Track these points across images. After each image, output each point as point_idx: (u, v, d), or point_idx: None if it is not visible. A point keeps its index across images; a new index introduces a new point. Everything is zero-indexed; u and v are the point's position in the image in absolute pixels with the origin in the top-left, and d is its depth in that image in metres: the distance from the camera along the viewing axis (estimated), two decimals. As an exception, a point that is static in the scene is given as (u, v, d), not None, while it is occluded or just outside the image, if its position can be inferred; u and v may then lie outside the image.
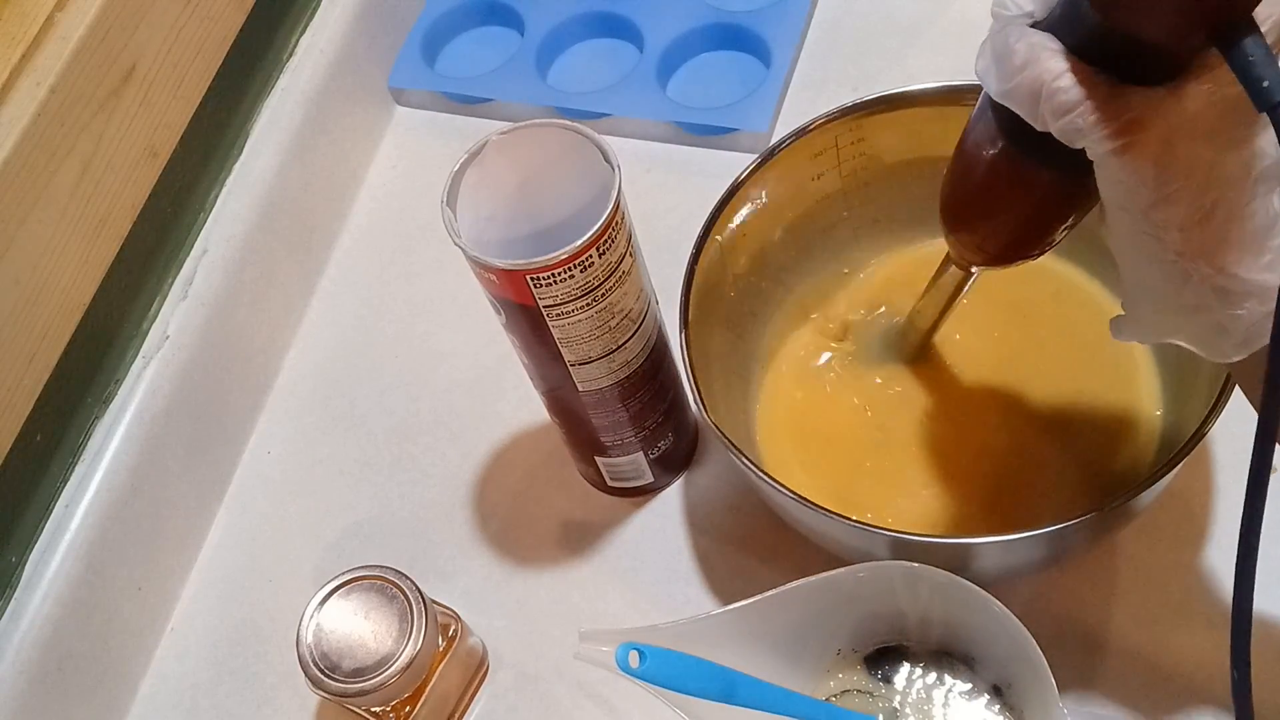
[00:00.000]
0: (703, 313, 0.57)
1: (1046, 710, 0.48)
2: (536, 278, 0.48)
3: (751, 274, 0.61)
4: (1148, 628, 0.56)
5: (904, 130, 0.59)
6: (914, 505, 0.58)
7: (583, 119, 0.68)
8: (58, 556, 0.59)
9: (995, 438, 0.59)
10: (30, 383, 0.58)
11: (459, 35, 0.82)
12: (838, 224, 0.63)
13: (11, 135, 0.55)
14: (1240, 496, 0.39)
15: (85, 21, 0.58)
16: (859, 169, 0.61)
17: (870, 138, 0.59)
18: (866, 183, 0.61)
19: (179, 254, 0.68)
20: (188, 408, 0.65)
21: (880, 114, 0.59)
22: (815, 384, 0.62)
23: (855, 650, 0.55)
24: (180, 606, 0.66)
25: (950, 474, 0.58)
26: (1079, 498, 0.56)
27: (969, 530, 0.56)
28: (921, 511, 0.58)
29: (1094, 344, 0.59)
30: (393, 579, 0.55)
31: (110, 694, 0.62)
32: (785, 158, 0.59)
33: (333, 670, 0.53)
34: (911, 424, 0.60)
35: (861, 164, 0.61)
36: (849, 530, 0.50)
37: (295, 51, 0.75)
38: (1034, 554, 0.52)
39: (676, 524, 0.63)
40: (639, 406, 0.57)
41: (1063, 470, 0.57)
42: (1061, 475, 0.57)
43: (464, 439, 0.67)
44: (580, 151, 0.50)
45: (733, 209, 0.58)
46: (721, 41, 0.77)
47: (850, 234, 0.63)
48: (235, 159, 0.71)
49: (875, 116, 0.59)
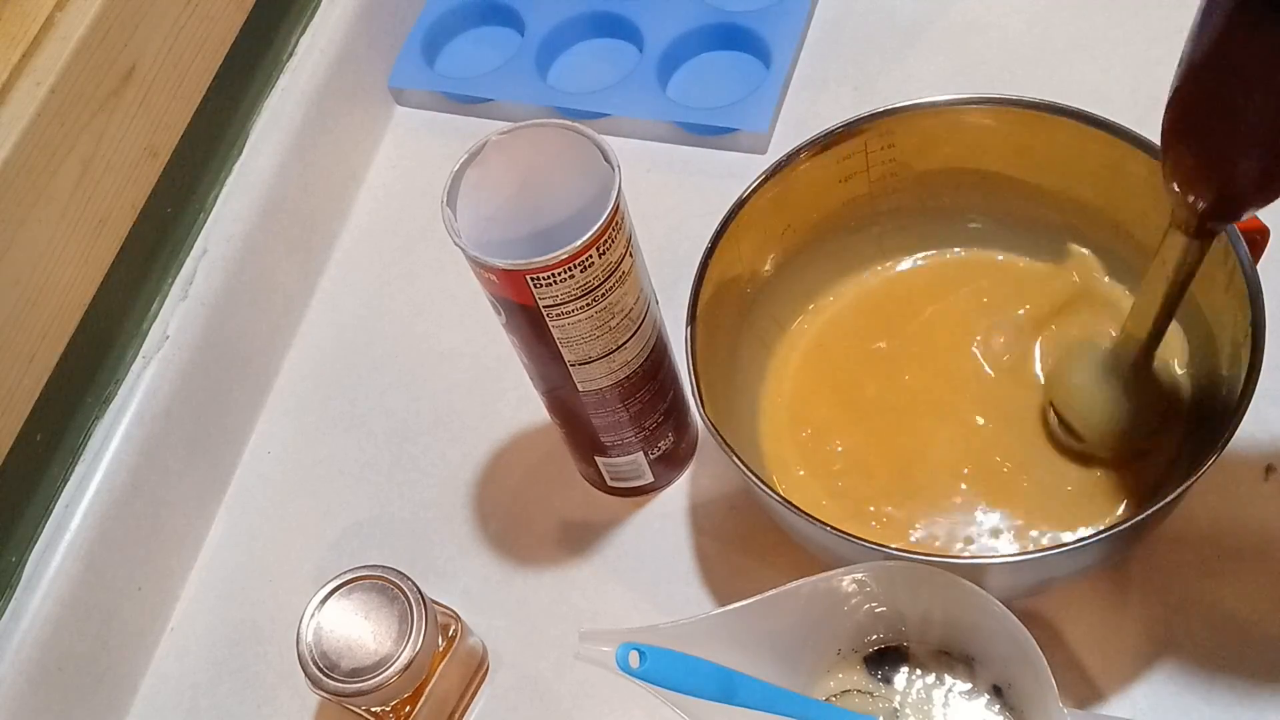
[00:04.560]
0: (709, 311, 0.57)
1: (1046, 710, 0.48)
2: (536, 278, 0.48)
3: (766, 273, 0.61)
4: (1150, 627, 0.56)
5: (935, 137, 0.59)
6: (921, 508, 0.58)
7: (583, 119, 0.68)
8: (58, 556, 0.59)
9: (1009, 444, 0.58)
10: (30, 383, 0.58)
11: (459, 35, 0.82)
12: (862, 228, 0.63)
13: (11, 135, 0.55)
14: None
15: (85, 21, 0.58)
16: (888, 174, 0.60)
17: (900, 143, 0.59)
18: (894, 189, 0.61)
19: (179, 254, 0.68)
20: (188, 408, 0.65)
21: (912, 119, 0.58)
22: (819, 384, 0.62)
23: (855, 650, 0.55)
24: (180, 606, 0.66)
25: (961, 478, 0.58)
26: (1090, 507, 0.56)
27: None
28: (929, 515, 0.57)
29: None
30: (393, 579, 0.55)
31: (110, 694, 0.62)
32: (810, 160, 0.58)
33: (332, 670, 0.53)
34: (918, 425, 0.60)
35: (891, 170, 0.60)
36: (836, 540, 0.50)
37: (295, 51, 0.75)
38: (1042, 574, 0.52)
39: (676, 524, 0.63)
40: (639, 406, 0.57)
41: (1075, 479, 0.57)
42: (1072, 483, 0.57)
43: (464, 439, 0.67)
44: (580, 151, 0.50)
45: (752, 207, 0.58)
46: (721, 41, 0.77)
47: (874, 239, 0.63)
48: (235, 159, 0.71)
49: (907, 122, 0.58)
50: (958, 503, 0.57)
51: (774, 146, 0.73)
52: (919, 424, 0.60)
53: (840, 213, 0.61)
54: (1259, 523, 0.57)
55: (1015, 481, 0.58)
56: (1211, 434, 0.49)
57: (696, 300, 0.56)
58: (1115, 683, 0.55)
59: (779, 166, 0.58)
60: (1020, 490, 0.57)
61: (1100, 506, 0.56)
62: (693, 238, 0.58)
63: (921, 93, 0.58)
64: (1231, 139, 0.41)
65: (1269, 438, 0.58)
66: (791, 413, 0.61)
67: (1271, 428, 0.58)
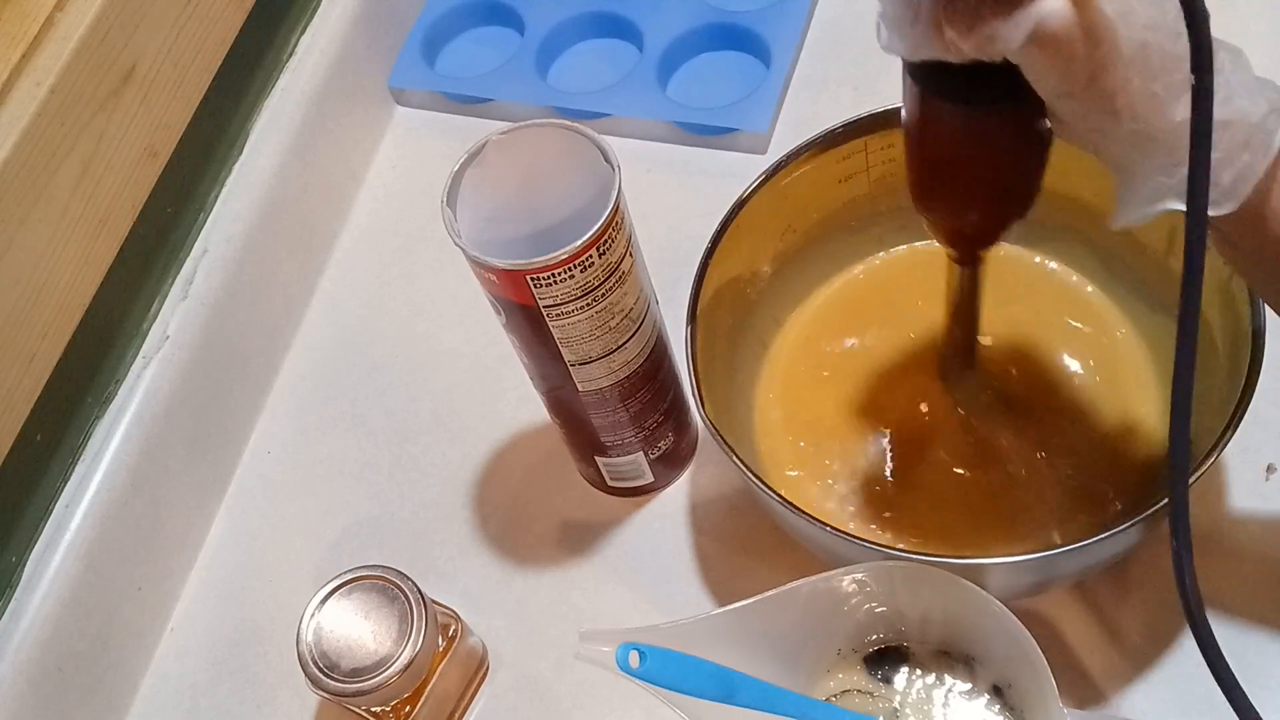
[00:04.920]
0: (709, 311, 0.57)
1: (1046, 710, 0.48)
2: (536, 278, 0.48)
3: (766, 273, 0.61)
4: (1150, 627, 0.56)
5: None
6: (917, 509, 0.58)
7: (583, 119, 0.67)
8: (58, 556, 0.59)
9: (1003, 445, 0.58)
10: (30, 383, 0.58)
11: (459, 35, 0.82)
12: (863, 228, 0.63)
13: (11, 135, 0.55)
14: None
15: (85, 21, 0.58)
16: (889, 174, 0.60)
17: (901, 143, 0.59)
18: (894, 189, 0.61)
19: (179, 254, 0.68)
20: (188, 408, 0.65)
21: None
22: (817, 384, 0.62)
23: (855, 650, 0.55)
24: (180, 606, 0.66)
25: (956, 479, 0.58)
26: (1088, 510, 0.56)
27: (972, 539, 0.56)
28: (925, 515, 0.57)
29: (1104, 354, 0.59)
30: (393, 579, 0.55)
31: (110, 694, 0.62)
32: (810, 160, 0.58)
33: (332, 670, 0.53)
34: (919, 425, 0.60)
35: (891, 170, 0.60)
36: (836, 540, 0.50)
37: (295, 51, 0.75)
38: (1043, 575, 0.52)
39: (676, 524, 0.63)
40: (639, 406, 0.57)
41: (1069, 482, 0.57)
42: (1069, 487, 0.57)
43: (464, 439, 0.67)
44: (580, 151, 0.50)
45: (752, 207, 0.58)
46: (721, 41, 0.77)
47: (875, 239, 0.63)
48: (235, 159, 0.71)
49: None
50: (961, 507, 0.57)
51: (774, 146, 0.73)
52: (919, 424, 0.60)
53: (841, 213, 0.61)
54: (1259, 523, 0.57)
55: (1016, 478, 0.58)
56: (1211, 434, 0.49)
57: (697, 301, 0.56)
58: (1115, 683, 0.55)
59: (779, 167, 0.58)
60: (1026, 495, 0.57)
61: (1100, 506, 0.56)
62: (693, 238, 0.58)
63: (921, 93, 0.58)
64: (960, 201, 0.47)
65: (1269, 438, 0.58)
66: (791, 412, 0.61)
67: (1271, 428, 0.58)
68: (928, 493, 0.58)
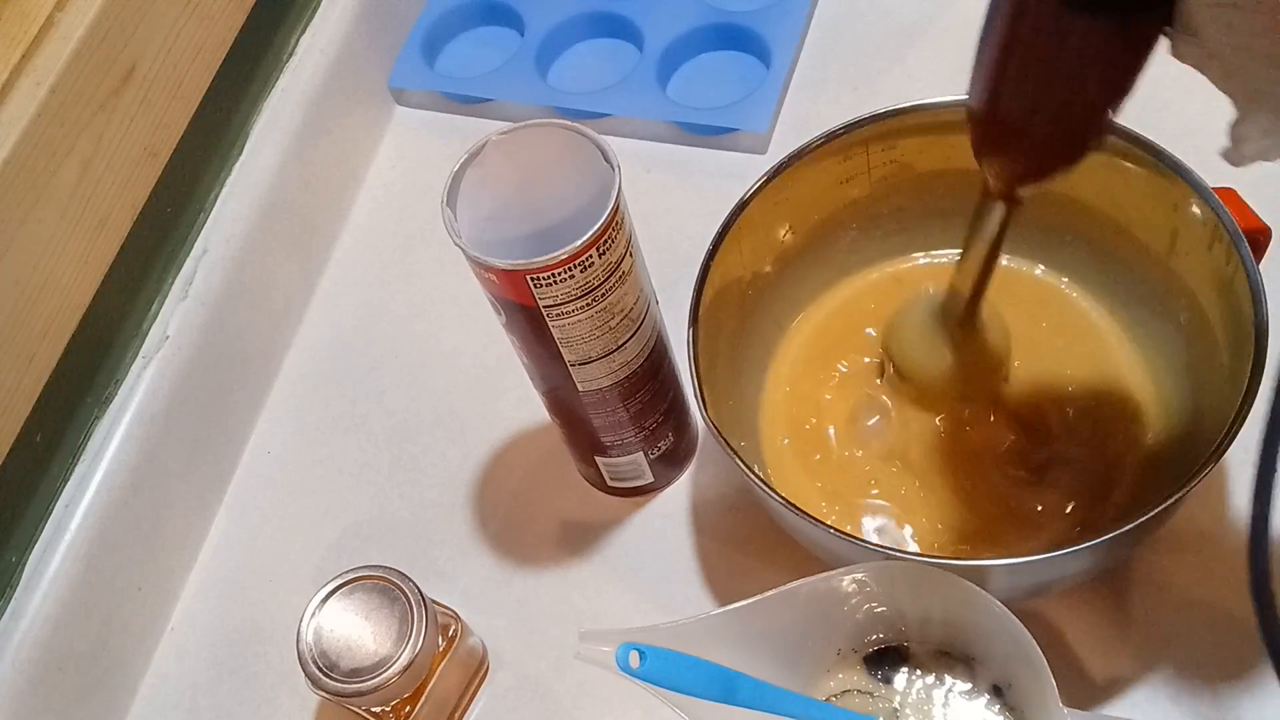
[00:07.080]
0: (710, 312, 0.57)
1: (1046, 710, 0.48)
2: (536, 278, 0.48)
3: (767, 274, 0.61)
4: (1150, 627, 0.56)
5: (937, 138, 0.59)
6: (917, 508, 0.58)
7: (583, 119, 0.68)
8: (58, 556, 0.59)
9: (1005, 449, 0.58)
10: (30, 383, 0.58)
11: (459, 35, 0.82)
12: (864, 229, 0.62)
13: (11, 135, 0.55)
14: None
15: (85, 21, 0.58)
16: (889, 175, 0.60)
17: (902, 144, 0.59)
18: (895, 190, 0.61)
19: (179, 254, 0.68)
20: (188, 408, 0.65)
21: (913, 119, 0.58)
22: (819, 384, 0.62)
23: (855, 650, 0.55)
24: (180, 606, 0.66)
25: (958, 480, 0.58)
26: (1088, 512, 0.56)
27: (974, 540, 0.56)
28: (925, 515, 0.57)
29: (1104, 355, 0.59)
30: (393, 579, 0.54)
31: (110, 694, 0.62)
32: (811, 161, 0.58)
33: (332, 670, 0.53)
34: (917, 427, 0.60)
35: (892, 171, 0.60)
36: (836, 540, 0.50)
37: (295, 51, 0.75)
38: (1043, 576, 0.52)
39: (676, 524, 0.63)
40: (639, 406, 0.57)
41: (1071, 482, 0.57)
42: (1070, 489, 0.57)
43: (464, 439, 0.67)
44: (580, 151, 0.50)
45: (753, 208, 0.58)
46: (721, 41, 0.77)
47: (876, 240, 0.63)
48: (235, 159, 0.71)
49: (908, 122, 0.58)
50: (964, 508, 0.57)
51: (774, 147, 0.73)
52: (919, 424, 0.60)
53: (841, 214, 0.61)
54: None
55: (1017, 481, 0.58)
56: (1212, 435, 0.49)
57: (698, 302, 0.56)
58: (1115, 683, 0.55)
59: (780, 168, 0.58)
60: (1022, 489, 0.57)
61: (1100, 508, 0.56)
62: (693, 238, 0.58)
63: (922, 93, 0.58)
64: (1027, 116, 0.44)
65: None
66: (791, 413, 0.61)
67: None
68: (929, 493, 0.58)
